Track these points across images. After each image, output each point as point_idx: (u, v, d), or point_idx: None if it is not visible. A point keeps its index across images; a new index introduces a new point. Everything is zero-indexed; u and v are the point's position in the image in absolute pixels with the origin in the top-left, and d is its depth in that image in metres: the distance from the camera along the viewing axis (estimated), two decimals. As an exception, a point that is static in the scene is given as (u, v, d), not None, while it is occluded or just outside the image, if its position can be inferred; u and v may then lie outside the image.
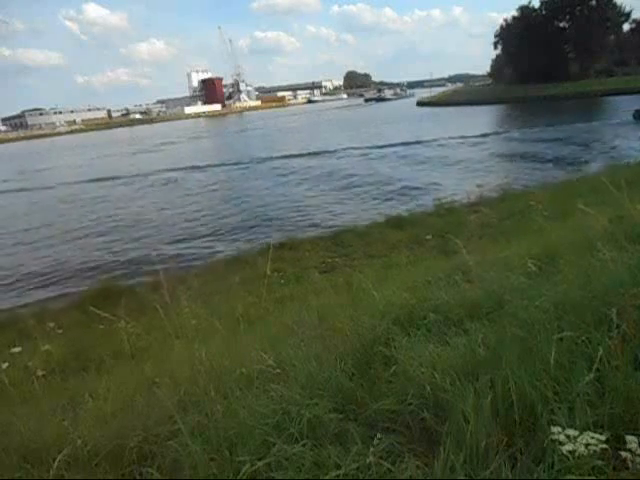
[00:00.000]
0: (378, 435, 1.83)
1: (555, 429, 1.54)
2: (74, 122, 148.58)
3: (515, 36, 74.34)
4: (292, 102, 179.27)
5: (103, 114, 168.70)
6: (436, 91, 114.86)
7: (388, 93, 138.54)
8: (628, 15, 74.52)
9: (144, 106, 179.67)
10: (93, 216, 20.42)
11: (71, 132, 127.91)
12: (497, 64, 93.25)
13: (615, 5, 72.50)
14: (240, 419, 2.11)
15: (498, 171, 21.81)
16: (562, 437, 1.49)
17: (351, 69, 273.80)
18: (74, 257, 14.41)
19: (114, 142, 72.09)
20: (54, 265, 13.70)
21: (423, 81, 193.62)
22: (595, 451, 1.42)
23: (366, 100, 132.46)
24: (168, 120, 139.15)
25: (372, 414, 2.07)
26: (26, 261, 14.41)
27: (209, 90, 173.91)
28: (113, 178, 31.30)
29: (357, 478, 1.67)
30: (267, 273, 5.14)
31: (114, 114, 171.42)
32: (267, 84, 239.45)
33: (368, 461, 1.68)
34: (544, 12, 75.39)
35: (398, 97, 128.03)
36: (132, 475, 2.06)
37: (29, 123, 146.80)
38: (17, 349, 4.82)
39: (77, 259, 14.18)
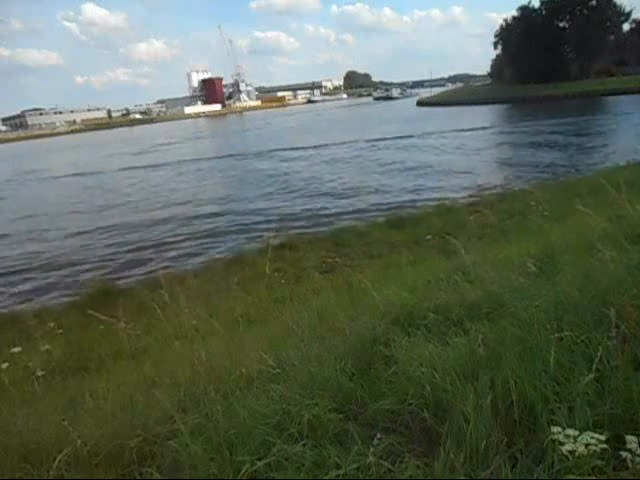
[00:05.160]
0: (378, 435, 1.83)
1: (555, 429, 1.53)
2: (74, 122, 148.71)
3: (515, 36, 74.37)
4: (292, 102, 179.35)
5: (103, 114, 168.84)
6: (436, 91, 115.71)
7: (395, 92, 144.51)
8: (628, 15, 74.63)
9: (144, 106, 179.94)
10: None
11: (71, 132, 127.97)
12: (497, 64, 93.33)
13: (615, 5, 72.57)
14: (240, 419, 2.11)
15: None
16: (562, 437, 1.49)
17: (351, 69, 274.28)
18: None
19: (117, 141, 72.11)
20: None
21: (423, 81, 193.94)
22: (595, 451, 1.42)
23: (375, 98, 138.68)
24: (168, 120, 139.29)
25: (372, 414, 2.07)
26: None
27: (209, 90, 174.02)
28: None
29: (357, 478, 1.67)
30: (266, 273, 5.15)
31: (114, 114, 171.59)
32: (267, 84, 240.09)
33: (368, 461, 1.68)
34: (544, 12, 75.37)
35: (404, 96, 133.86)
36: (132, 475, 2.06)
37: (29, 123, 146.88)
38: (17, 349, 4.81)
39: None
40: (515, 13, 78.70)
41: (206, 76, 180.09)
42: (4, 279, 12.62)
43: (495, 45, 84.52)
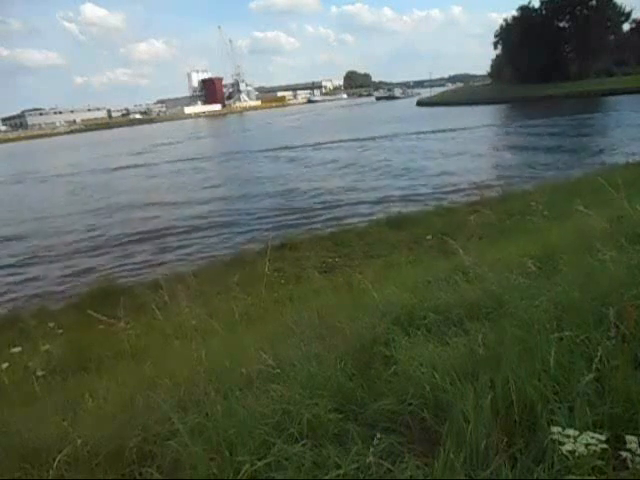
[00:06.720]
0: (378, 435, 1.82)
1: (555, 429, 1.53)
2: (74, 122, 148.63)
3: (515, 36, 74.24)
4: (292, 102, 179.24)
5: (103, 114, 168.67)
6: (436, 91, 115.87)
7: (397, 92, 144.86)
8: (628, 15, 74.60)
9: (144, 106, 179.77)
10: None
11: (71, 132, 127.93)
12: (497, 64, 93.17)
13: (615, 5, 72.57)
14: (240, 419, 2.10)
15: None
16: (562, 437, 1.49)
17: (351, 69, 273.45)
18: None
19: (117, 141, 72.12)
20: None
21: (423, 81, 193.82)
22: (595, 451, 1.42)
23: (377, 98, 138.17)
24: (168, 120, 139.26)
25: (372, 414, 2.07)
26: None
27: (209, 90, 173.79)
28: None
29: (357, 478, 1.67)
30: (266, 272, 5.15)
31: (114, 114, 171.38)
32: (267, 84, 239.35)
33: (368, 461, 1.68)
34: (544, 12, 75.32)
35: (406, 96, 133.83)
36: (132, 475, 2.06)
37: (29, 123, 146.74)
38: (17, 349, 4.82)
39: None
40: (515, 13, 78.76)
41: (206, 76, 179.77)
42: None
43: (495, 45, 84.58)
